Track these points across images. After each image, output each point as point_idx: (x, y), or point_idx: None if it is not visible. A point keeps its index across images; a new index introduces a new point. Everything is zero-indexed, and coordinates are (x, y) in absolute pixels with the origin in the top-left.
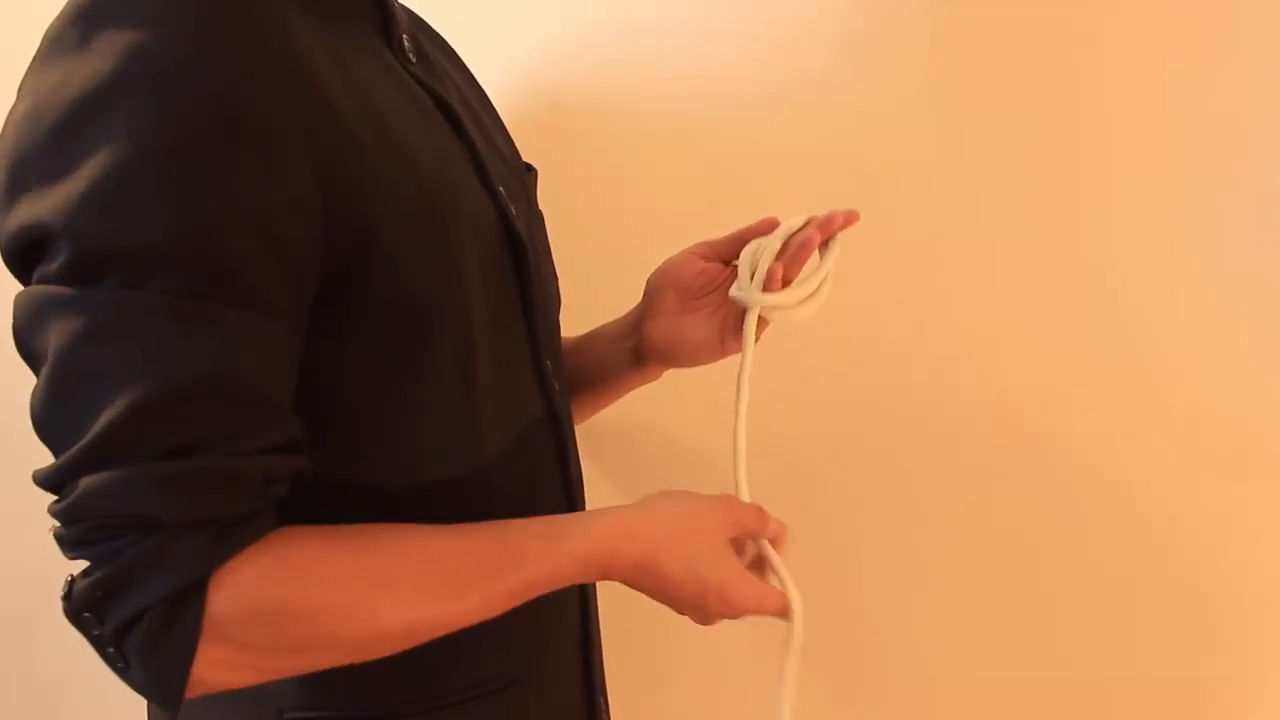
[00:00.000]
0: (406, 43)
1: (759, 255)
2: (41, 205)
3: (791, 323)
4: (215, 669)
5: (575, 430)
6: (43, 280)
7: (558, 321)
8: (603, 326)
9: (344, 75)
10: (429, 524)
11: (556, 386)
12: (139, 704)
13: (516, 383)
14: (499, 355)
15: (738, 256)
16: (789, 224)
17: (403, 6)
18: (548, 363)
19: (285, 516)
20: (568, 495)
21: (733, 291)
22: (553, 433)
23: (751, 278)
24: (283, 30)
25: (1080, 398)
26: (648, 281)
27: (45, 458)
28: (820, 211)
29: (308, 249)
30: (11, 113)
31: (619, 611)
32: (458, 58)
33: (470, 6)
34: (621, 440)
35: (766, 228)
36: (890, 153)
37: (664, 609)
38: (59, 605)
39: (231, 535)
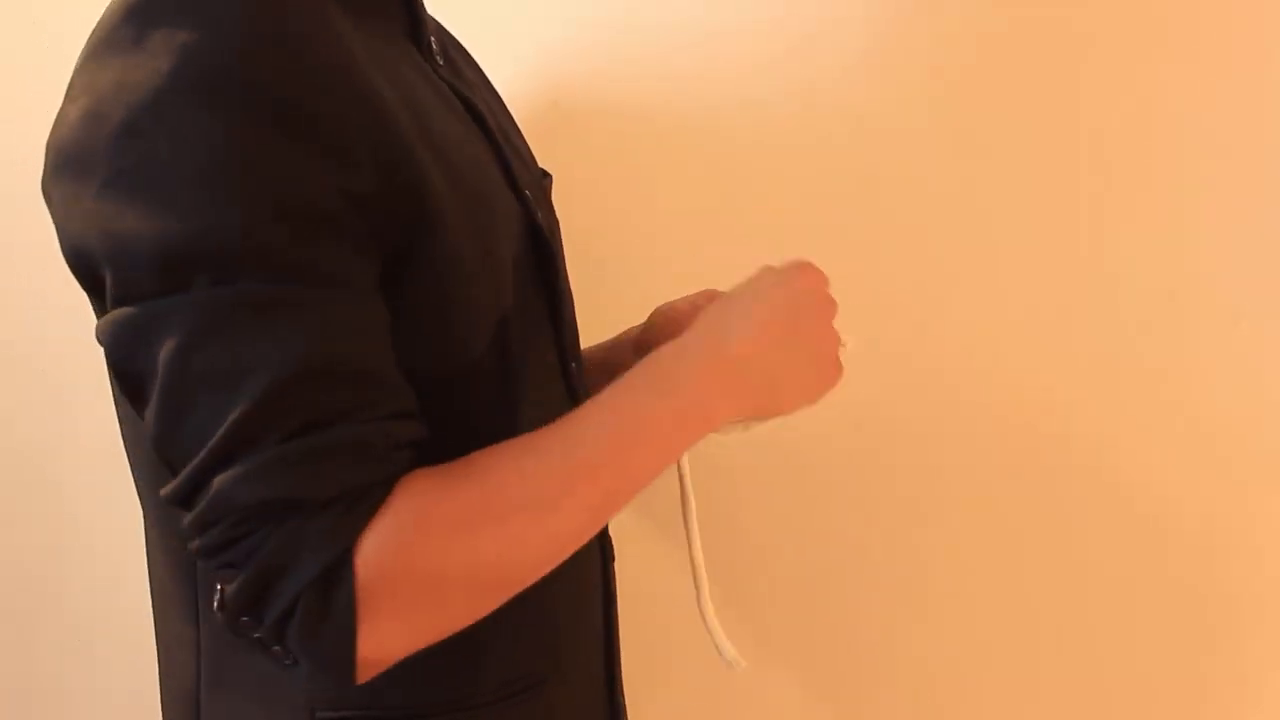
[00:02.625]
0: (434, 46)
1: None
2: (114, 215)
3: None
4: (379, 642)
5: None
6: (127, 296)
7: (576, 324)
8: (593, 347)
9: (390, 78)
10: (523, 436)
11: (581, 390)
12: (139, 704)
13: (546, 384)
14: (532, 359)
15: None
16: None
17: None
18: (574, 365)
19: None
20: None
21: None
22: None
23: None
24: (331, 28)
25: (1080, 398)
26: (650, 315)
27: (46, 460)
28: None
29: (372, 234)
30: (64, 114)
31: (629, 610)
32: (476, 64)
33: (472, 7)
34: None
35: None
36: (893, 153)
37: (674, 611)
38: (58, 605)
39: (363, 504)
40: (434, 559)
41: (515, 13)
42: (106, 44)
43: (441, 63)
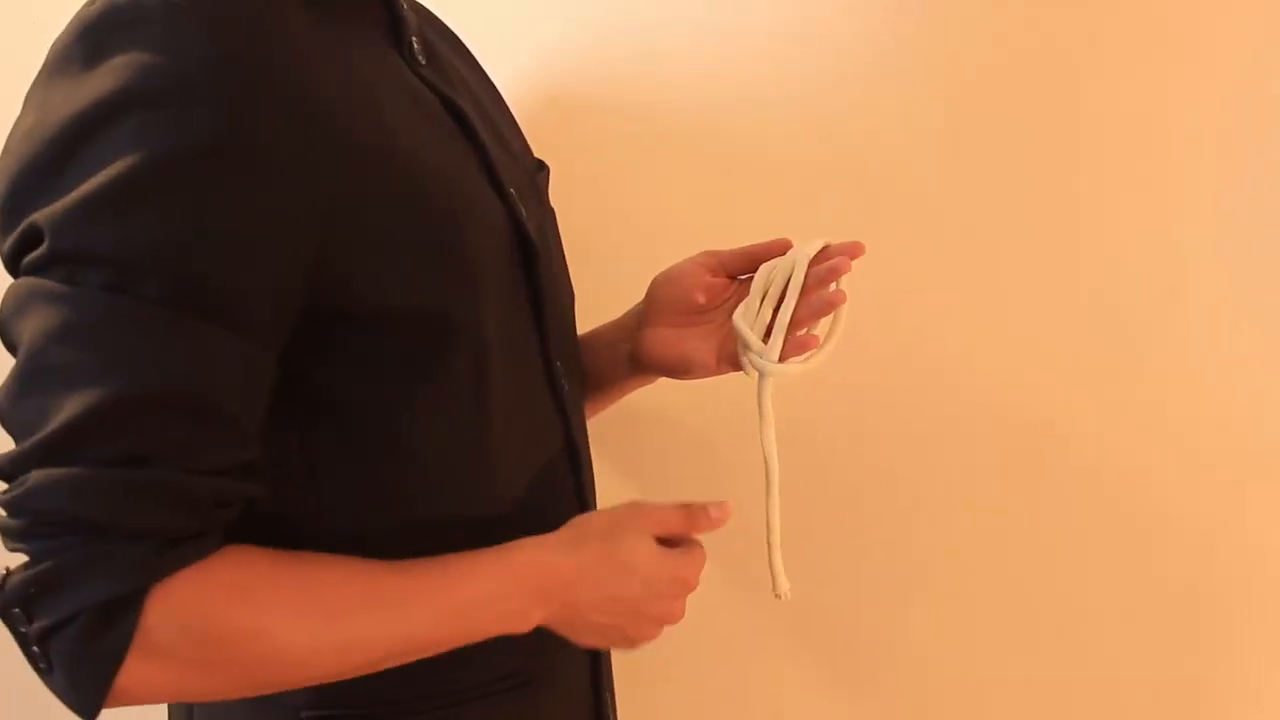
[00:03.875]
0: (416, 45)
1: (769, 286)
2: (38, 206)
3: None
4: (139, 682)
5: (587, 428)
6: (29, 271)
7: (572, 319)
8: (601, 327)
9: (352, 86)
10: (390, 548)
11: (566, 387)
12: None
13: (528, 383)
14: (511, 358)
15: (744, 272)
16: (801, 255)
17: (412, 6)
18: (558, 363)
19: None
20: (579, 494)
21: (750, 359)
22: (563, 432)
23: (767, 333)
24: (291, 48)
25: (1080, 399)
26: (651, 286)
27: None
28: (822, 236)
29: (298, 274)
30: (17, 124)
31: None
32: (468, 53)
33: (472, 6)
34: (632, 430)
35: (779, 249)
36: (892, 152)
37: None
38: None
39: (175, 551)
40: (227, 632)
41: (515, 12)
42: (62, 59)
43: (424, 62)
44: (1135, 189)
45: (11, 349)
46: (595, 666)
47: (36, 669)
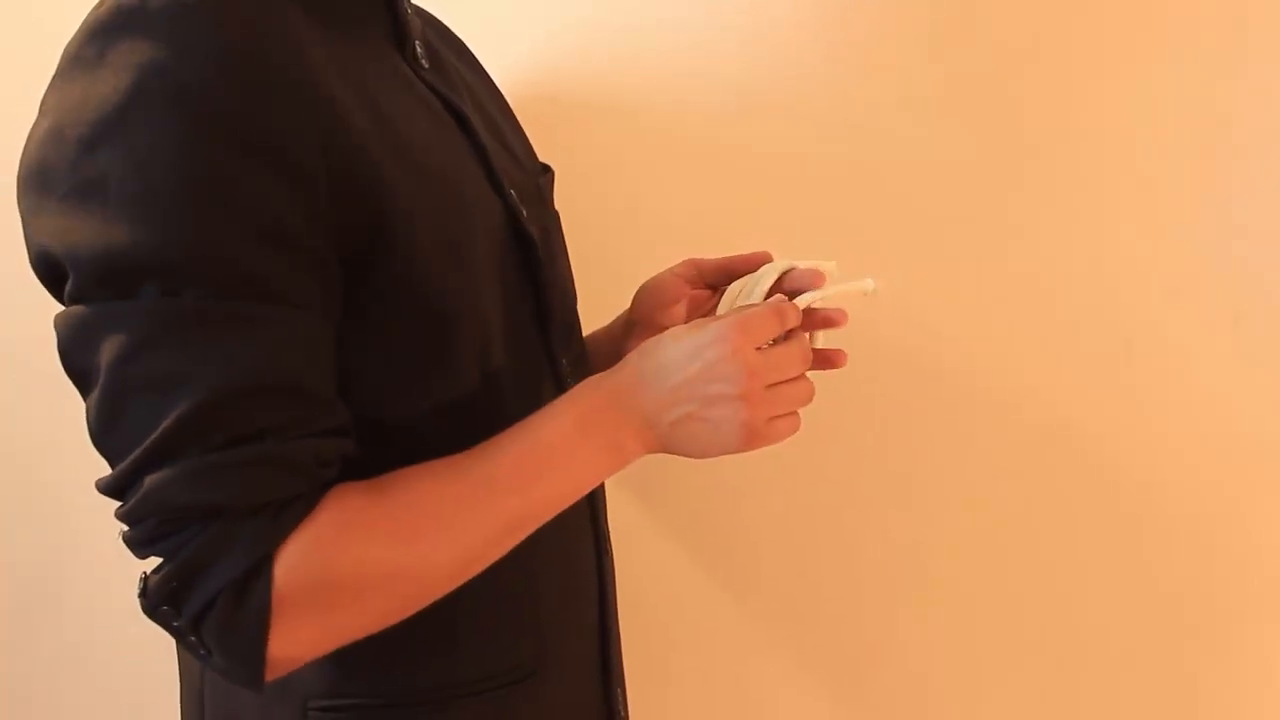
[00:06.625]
0: (419, 49)
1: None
2: (71, 224)
3: None
4: (291, 643)
5: None
6: (80, 298)
7: (576, 318)
8: (590, 336)
9: (354, 86)
10: (449, 457)
11: (571, 383)
12: (137, 705)
13: (534, 383)
14: (516, 357)
15: (724, 284)
16: (763, 279)
17: (417, 11)
18: (563, 361)
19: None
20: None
21: None
22: None
23: None
24: (293, 44)
25: (1080, 397)
26: (635, 296)
27: (46, 460)
28: (799, 256)
29: (328, 251)
30: (34, 129)
31: (633, 603)
32: (473, 57)
33: (472, 6)
34: None
35: (757, 261)
36: (892, 152)
37: (677, 602)
38: (58, 606)
39: (288, 514)
40: (349, 567)
41: (515, 12)
42: (74, 61)
43: (427, 66)
44: (1134, 187)
45: (80, 377)
46: (605, 661)
47: (199, 657)
